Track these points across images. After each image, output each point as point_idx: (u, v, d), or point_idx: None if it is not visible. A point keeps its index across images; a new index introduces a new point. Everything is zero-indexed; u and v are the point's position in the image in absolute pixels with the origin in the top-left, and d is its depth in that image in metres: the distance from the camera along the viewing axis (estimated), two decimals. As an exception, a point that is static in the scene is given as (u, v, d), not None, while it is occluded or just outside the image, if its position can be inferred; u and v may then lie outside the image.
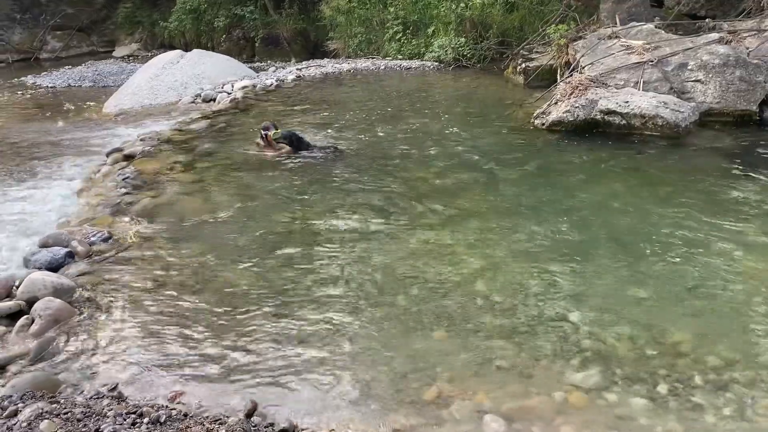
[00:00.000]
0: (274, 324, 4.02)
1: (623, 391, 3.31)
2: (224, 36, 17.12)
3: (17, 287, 4.46)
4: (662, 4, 11.38)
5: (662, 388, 3.33)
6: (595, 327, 3.86)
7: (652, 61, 8.40)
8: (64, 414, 3.06)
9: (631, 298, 4.18)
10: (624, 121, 7.58)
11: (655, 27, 9.57)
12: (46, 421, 2.97)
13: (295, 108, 9.98)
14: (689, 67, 8.20)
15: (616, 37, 9.38)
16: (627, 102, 7.63)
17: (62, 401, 3.22)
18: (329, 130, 8.51)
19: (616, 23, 10.13)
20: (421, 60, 13.35)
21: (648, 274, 4.47)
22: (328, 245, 5.10)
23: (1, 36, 18.82)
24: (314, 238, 5.25)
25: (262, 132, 7.53)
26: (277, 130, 7.53)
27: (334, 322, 4.03)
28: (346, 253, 4.96)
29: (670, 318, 3.93)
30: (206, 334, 3.95)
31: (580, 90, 8.10)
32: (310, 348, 3.76)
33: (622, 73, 8.49)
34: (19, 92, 13.62)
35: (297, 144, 7.45)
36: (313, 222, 5.55)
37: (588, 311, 4.03)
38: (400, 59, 13.69)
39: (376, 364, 3.60)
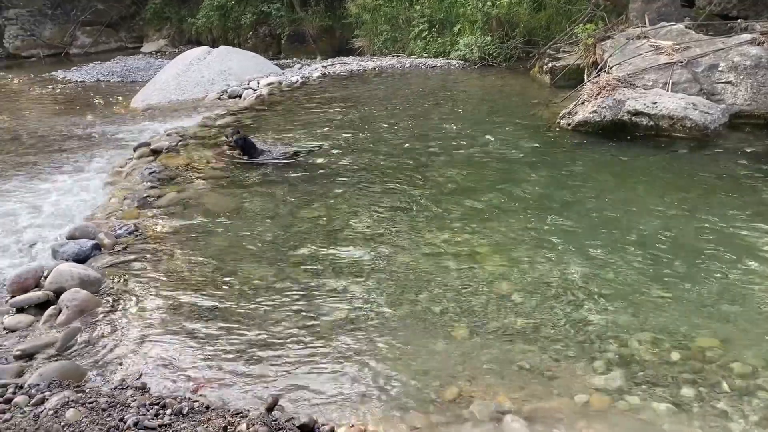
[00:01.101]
0: (295, 320, 4.04)
1: (646, 395, 3.27)
2: (251, 33, 17.23)
3: (45, 278, 4.55)
4: (693, 4, 11.19)
5: (687, 393, 3.29)
6: (619, 329, 3.82)
7: (681, 62, 8.28)
8: (89, 403, 3.11)
9: (656, 302, 4.12)
10: (652, 123, 7.47)
11: (686, 27, 9.41)
12: (72, 409, 3.02)
13: (320, 105, 10.01)
14: (720, 69, 8.06)
15: (645, 37, 9.25)
16: (655, 103, 7.52)
17: (87, 391, 3.27)
18: (352, 128, 8.51)
19: (645, 23, 9.99)
20: (447, 58, 13.30)
21: (674, 277, 4.40)
22: (351, 243, 5.11)
23: (33, 31, 19.16)
24: (337, 235, 5.26)
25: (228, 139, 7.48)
26: (236, 135, 7.39)
27: (355, 319, 4.04)
28: (369, 251, 4.96)
29: (696, 322, 3.88)
30: (228, 328, 3.98)
31: (607, 90, 8.00)
32: (331, 344, 3.78)
33: (650, 73, 8.37)
34: (49, 86, 13.85)
35: (249, 150, 7.26)
36: (336, 219, 5.57)
37: (611, 314, 3.99)
38: (425, 57, 13.65)
39: (396, 362, 3.60)
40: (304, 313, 4.11)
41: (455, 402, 3.25)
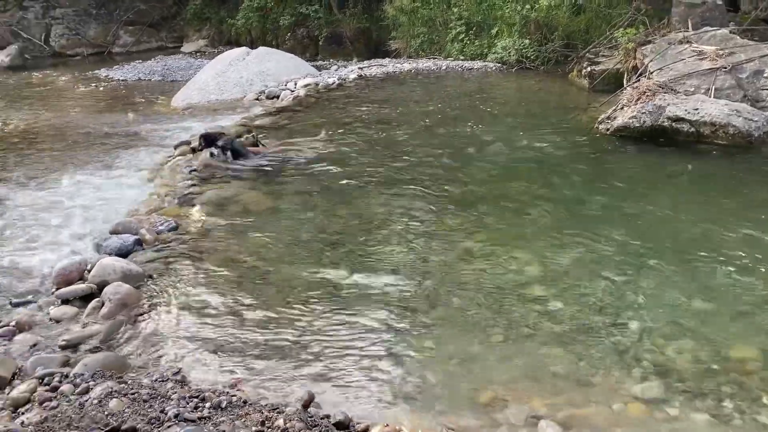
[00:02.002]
0: (331, 318, 4.09)
1: (685, 406, 3.23)
2: (289, 34, 17.38)
3: (89, 271, 4.68)
4: (738, 9, 10.98)
5: (726, 405, 3.23)
6: (657, 338, 3.78)
7: (725, 68, 8.12)
8: (132, 394, 3.19)
9: (695, 311, 4.06)
10: (693, 129, 7.34)
11: (730, 32, 9.23)
12: (115, 399, 3.11)
13: (356, 107, 10.07)
14: (765, 75, 7.89)
15: (688, 42, 9.09)
16: (697, 109, 7.39)
17: (129, 382, 3.36)
18: (387, 130, 8.55)
19: (687, 28, 9.82)
20: (483, 61, 13.24)
21: (714, 286, 4.33)
22: (386, 243, 5.14)
23: (78, 30, 19.64)
24: (371, 235, 5.30)
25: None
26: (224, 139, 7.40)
27: (390, 320, 4.06)
28: (404, 252, 4.99)
29: (736, 333, 3.81)
30: (265, 324, 4.05)
31: (647, 95, 7.89)
32: (367, 344, 3.81)
33: (692, 79, 8.23)
34: (92, 84, 14.18)
35: (238, 154, 7.25)
36: (370, 220, 5.61)
37: (649, 322, 3.94)
38: (462, 60, 13.61)
39: (431, 364, 3.62)
40: (339, 312, 4.15)
41: (490, 405, 3.26)
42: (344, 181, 6.56)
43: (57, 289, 4.58)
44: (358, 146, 7.82)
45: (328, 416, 3.12)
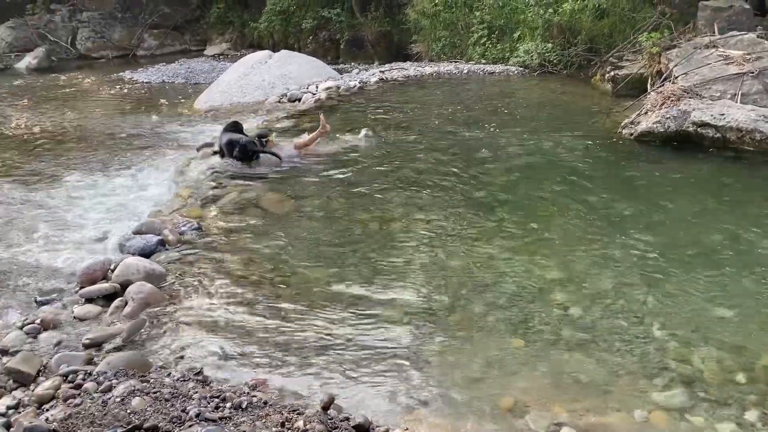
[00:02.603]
0: (351, 321, 4.09)
1: (709, 415, 3.18)
2: (311, 37, 17.46)
3: (113, 271, 4.73)
4: (766, 13, 10.80)
5: (752, 416, 3.18)
6: (681, 346, 3.73)
7: (752, 72, 8.00)
8: (154, 393, 3.22)
9: (720, 319, 4.00)
10: (718, 135, 7.24)
11: (758, 36, 9.09)
12: (137, 398, 3.14)
13: (377, 109, 10.08)
14: (793, 80, 7.76)
15: (714, 46, 8.98)
16: (723, 114, 7.29)
17: (151, 381, 3.39)
18: (408, 132, 8.54)
19: (714, 32, 9.69)
20: (505, 65, 13.18)
21: (739, 294, 4.27)
22: (406, 246, 5.14)
23: (103, 33, 19.92)
24: (392, 238, 5.30)
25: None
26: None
27: (410, 324, 4.06)
28: (424, 255, 4.98)
29: (763, 341, 3.75)
30: (286, 325, 4.06)
31: (672, 100, 7.80)
32: (386, 347, 3.81)
33: (718, 84, 8.12)
34: (117, 87, 14.36)
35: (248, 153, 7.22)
36: (390, 222, 5.61)
37: (673, 329, 3.89)
38: (484, 63, 13.56)
39: (451, 368, 3.61)
40: (358, 315, 4.16)
41: (511, 411, 3.24)
42: (364, 184, 6.56)
43: (81, 287, 4.64)
44: (379, 149, 7.83)
45: (347, 419, 3.12)
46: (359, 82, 12.09)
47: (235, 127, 7.70)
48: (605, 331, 3.90)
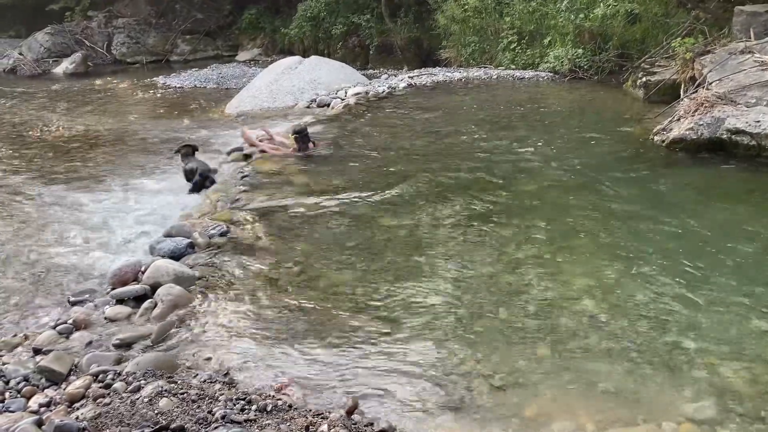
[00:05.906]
0: (376, 326, 4.10)
1: (741, 429, 3.11)
2: (340, 43, 17.59)
3: (143, 272, 4.81)
4: (804, 18, 10.55)
5: (785, 430, 3.10)
6: (712, 358, 3.65)
7: (789, 79, 7.82)
8: (181, 394, 3.27)
9: (753, 331, 3.91)
10: (754, 142, 7.09)
11: (795, 42, 8.89)
12: (165, 398, 3.19)
13: (405, 115, 10.10)
14: (832, 86, 7.56)
15: (750, 51, 8.79)
16: (758, 122, 7.13)
17: (179, 382, 3.44)
18: (436, 139, 8.54)
19: (749, 37, 9.50)
20: (535, 70, 13.11)
21: (773, 305, 4.17)
22: (431, 253, 5.13)
23: (138, 39, 20.33)
24: (418, 244, 5.30)
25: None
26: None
27: (435, 329, 4.05)
28: (449, 262, 4.97)
29: (797, 355, 3.65)
30: (311, 330, 4.09)
31: (705, 107, 7.65)
32: (411, 352, 3.80)
33: (754, 90, 7.95)
34: (150, 91, 14.64)
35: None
36: (417, 229, 5.61)
37: (704, 341, 3.82)
38: (513, 69, 13.51)
39: (476, 375, 3.58)
40: (384, 321, 4.16)
41: (536, 420, 3.21)
42: (392, 189, 6.57)
43: (112, 289, 4.73)
44: (407, 155, 7.84)
45: (371, 424, 3.13)
46: (388, 88, 12.12)
47: (194, 150, 7.50)
48: (633, 340, 3.84)
